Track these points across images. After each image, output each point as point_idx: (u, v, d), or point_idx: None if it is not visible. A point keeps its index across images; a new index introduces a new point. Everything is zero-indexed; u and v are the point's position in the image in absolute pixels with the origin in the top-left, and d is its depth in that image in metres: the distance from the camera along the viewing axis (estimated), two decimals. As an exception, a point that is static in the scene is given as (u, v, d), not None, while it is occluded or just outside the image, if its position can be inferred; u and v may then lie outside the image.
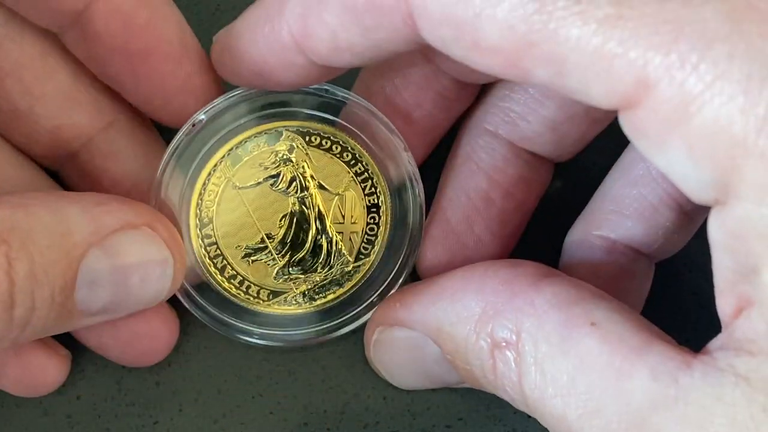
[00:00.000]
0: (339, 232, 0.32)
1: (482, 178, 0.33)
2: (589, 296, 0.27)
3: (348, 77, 0.32)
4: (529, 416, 0.27)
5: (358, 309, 0.32)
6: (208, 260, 0.32)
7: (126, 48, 0.30)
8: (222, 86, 0.32)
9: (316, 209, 0.32)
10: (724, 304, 0.23)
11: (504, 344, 0.27)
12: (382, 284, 0.32)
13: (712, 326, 0.24)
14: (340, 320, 0.32)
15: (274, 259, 0.32)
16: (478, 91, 0.34)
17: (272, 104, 0.32)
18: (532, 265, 0.29)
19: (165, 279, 0.30)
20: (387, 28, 0.26)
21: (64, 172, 0.34)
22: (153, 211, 0.30)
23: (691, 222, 0.33)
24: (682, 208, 0.32)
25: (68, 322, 0.28)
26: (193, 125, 0.32)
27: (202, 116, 0.32)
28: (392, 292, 0.32)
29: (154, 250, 0.30)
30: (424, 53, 0.32)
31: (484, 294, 0.28)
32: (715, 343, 0.24)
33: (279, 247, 0.32)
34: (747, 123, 0.21)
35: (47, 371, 0.33)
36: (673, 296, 0.35)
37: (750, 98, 0.21)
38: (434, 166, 0.34)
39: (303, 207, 0.32)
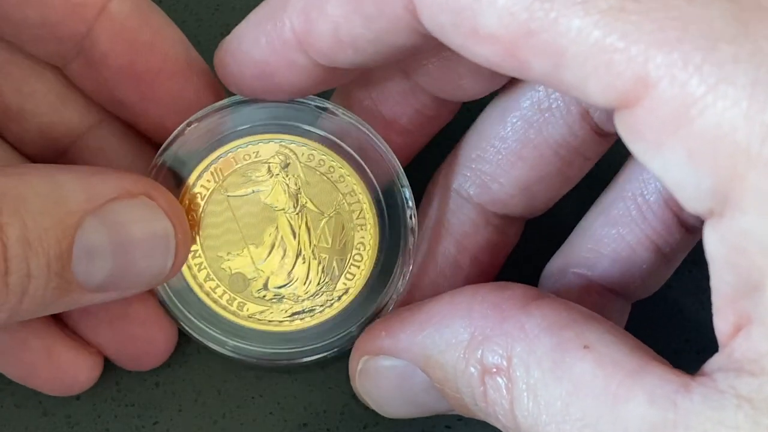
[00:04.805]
0: (324, 256, 0.31)
1: (451, 243, 0.33)
2: (581, 318, 0.26)
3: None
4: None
5: (336, 337, 0.31)
6: (188, 264, 0.31)
7: (133, 68, 0.30)
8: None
9: (304, 229, 0.31)
10: (721, 322, 0.22)
11: (494, 370, 0.26)
12: (364, 315, 0.31)
13: (713, 327, 0.24)
14: (315, 346, 0.31)
15: (254, 273, 0.31)
16: (458, 108, 0.33)
17: (271, 115, 0.31)
18: (521, 288, 0.28)
19: (168, 251, 0.29)
20: (389, 16, 0.25)
21: None
22: (151, 181, 0.29)
23: (669, 264, 0.32)
24: (660, 250, 0.31)
25: (69, 297, 0.27)
26: (188, 124, 0.31)
27: (200, 116, 0.31)
28: (375, 322, 0.31)
29: (153, 220, 0.29)
30: (403, 69, 0.32)
31: (472, 319, 0.27)
32: (713, 364, 0.23)
33: (262, 263, 0.31)
34: (751, 130, 0.20)
35: (79, 370, 0.33)
36: (674, 296, 0.35)
37: (755, 104, 0.20)
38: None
39: (290, 225, 0.31)
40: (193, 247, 0.31)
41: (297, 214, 0.31)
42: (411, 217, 0.31)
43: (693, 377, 0.23)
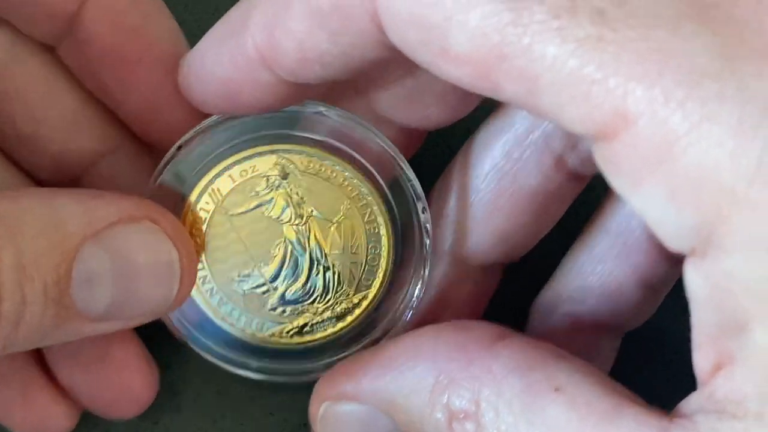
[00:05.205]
0: (338, 263, 0.30)
1: (432, 299, 0.32)
2: (550, 358, 0.25)
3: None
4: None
5: (361, 345, 0.31)
6: (199, 290, 0.30)
7: (116, 52, 0.30)
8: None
9: (313, 238, 0.30)
10: (701, 360, 0.22)
11: (462, 416, 0.25)
12: (385, 318, 0.31)
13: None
14: (343, 355, 0.31)
15: (268, 290, 0.30)
16: (424, 137, 0.33)
17: (264, 126, 0.30)
18: (485, 327, 0.27)
19: (173, 278, 0.28)
20: (354, 30, 0.24)
21: None
22: (154, 205, 0.29)
23: (657, 295, 0.32)
24: (646, 283, 0.31)
25: (68, 325, 0.27)
26: (179, 147, 0.30)
27: (190, 137, 0.30)
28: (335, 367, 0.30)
29: (157, 245, 0.28)
30: (366, 99, 0.31)
31: (436, 361, 0.26)
32: (692, 404, 0.22)
33: (273, 278, 0.30)
34: (737, 171, 0.19)
35: (54, 417, 0.32)
36: (669, 305, 0.35)
37: (741, 144, 0.19)
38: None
39: (298, 236, 0.30)
40: (202, 273, 0.30)
41: (304, 224, 0.30)
42: (423, 211, 0.30)
43: (671, 419, 0.22)
